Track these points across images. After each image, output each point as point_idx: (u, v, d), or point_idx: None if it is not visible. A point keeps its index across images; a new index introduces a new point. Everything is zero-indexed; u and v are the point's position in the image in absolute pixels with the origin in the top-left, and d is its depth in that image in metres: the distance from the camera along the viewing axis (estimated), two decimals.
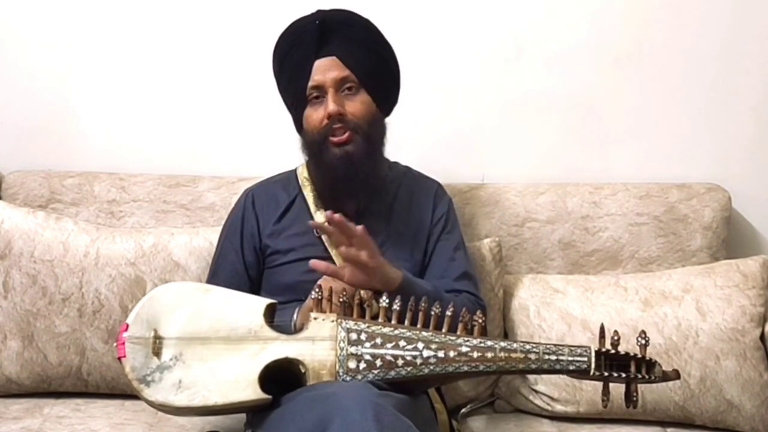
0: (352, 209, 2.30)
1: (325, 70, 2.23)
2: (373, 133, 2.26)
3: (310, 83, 2.23)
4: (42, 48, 2.76)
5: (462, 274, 2.33)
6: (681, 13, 2.75)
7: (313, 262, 2.10)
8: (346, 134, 2.22)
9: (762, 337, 2.47)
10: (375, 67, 2.28)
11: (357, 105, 2.24)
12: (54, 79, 2.77)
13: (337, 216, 2.07)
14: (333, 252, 2.26)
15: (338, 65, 2.23)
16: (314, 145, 2.26)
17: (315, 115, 2.24)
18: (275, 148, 2.72)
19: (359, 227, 2.08)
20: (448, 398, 2.35)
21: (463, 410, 2.48)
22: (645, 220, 2.67)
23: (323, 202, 2.32)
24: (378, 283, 2.10)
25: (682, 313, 2.46)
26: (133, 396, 2.38)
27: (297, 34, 2.28)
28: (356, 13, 2.30)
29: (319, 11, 2.29)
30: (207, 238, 2.52)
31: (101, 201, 2.66)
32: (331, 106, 2.21)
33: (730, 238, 2.71)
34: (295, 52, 2.27)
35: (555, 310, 2.50)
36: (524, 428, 2.44)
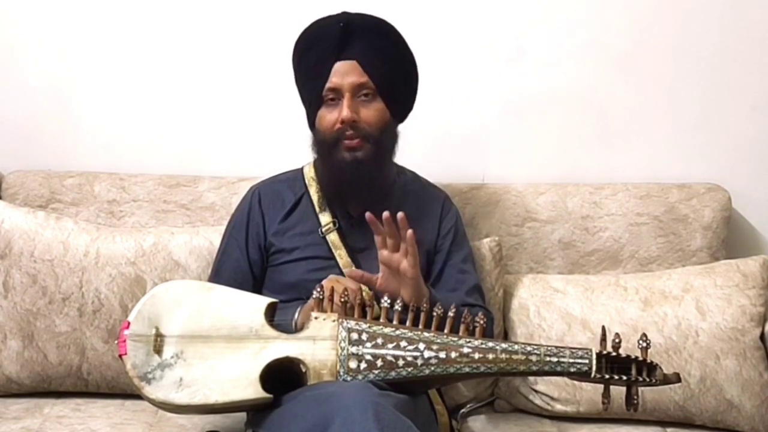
0: (357, 212, 2.30)
1: (344, 73, 2.22)
2: (384, 141, 2.26)
3: (328, 84, 2.22)
4: (42, 48, 2.76)
5: (473, 287, 2.34)
6: (681, 13, 2.75)
7: (349, 272, 2.14)
8: (357, 140, 2.22)
9: (762, 336, 2.48)
10: (394, 76, 2.27)
11: (371, 112, 2.24)
12: (54, 79, 2.76)
13: (394, 217, 2.07)
14: (337, 252, 2.27)
15: (358, 70, 2.22)
16: (325, 145, 2.25)
17: (329, 116, 2.24)
18: (276, 148, 2.73)
19: (410, 232, 2.08)
20: (448, 398, 2.36)
21: (463, 410, 2.48)
22: (645, 220, 2.67)
23: (328, 203, 2.32)
24: (407, 294, 2.10)
25: (682, 312, 2.46)
26: (133, 396, 2.39)
27: (320, 32, 2.27)
28: (382, 19, 2.29)
29: (344, 13, 2.28)
30: (207, 238, 2.52)
31: (101, 201, 2.66)
32: (345, 112, 2.20)
33: (730, 238, 2.71)
34: (315, 51, 2.25)
35: (555, 310, 2.50)
36: (524, 428, 2.44)
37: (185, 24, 2.76)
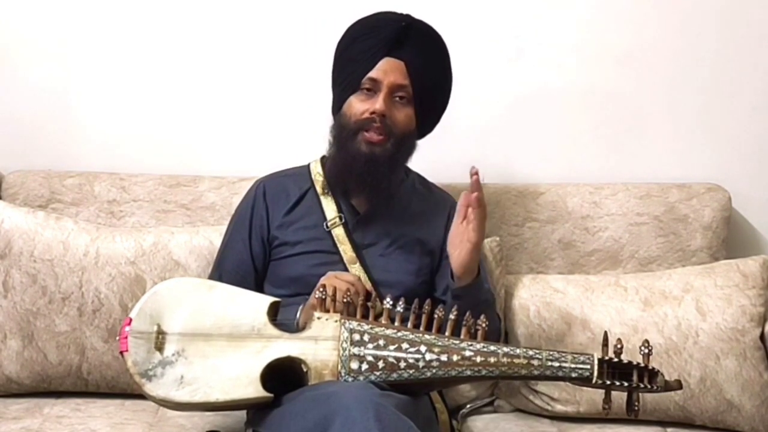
0: (364, 208, 2.32)
1: (389, 70, 2.23)
2: (403, 144, 2.28)
3: (370, 74, 2.23)
4: (42, 48, 2.75)
5: None
6: (681, 13, 2.76)
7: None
8: (381, 137, 2.23)
9: (762, 337, 2.48)
10: (433, 90, 2.31)
11: (401, 116, 2.25)
12: (54, 80, 2.76)
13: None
14: (341, 248, 2.28)
15: (402, 72, 2.24)
16: (345, 131, 2.26)
17: (359, 105, 2.25)
18: (276, 147, 2.73)
19: (474, 195, 2.16)
20: (448, 398, 2.36)
21: (463, 410, 2.48)
22: (645, 220, 2.67)
23: (333, 197, 2.32)
24: (457, 258, 2.16)
25: (682, 312, 2.46)
26: (134, 395, 2.40)
27: (380, 24, 2.29)
28: (440, 35, 2.33)
29: (408, 15, 2.31)
30: (207, 237, 2.52)
31: (101, 201, 2.66)
32: (379, 104, 2.22)
33: (730, 238, 2.72)
34: (369, 39, 2.27)
35: (555, 310, 2.50)
36: (524, 428, 2.44)
37: (185, 24, 2.75)
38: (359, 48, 2.27)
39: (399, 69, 2.24)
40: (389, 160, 2.25)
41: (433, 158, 2.63)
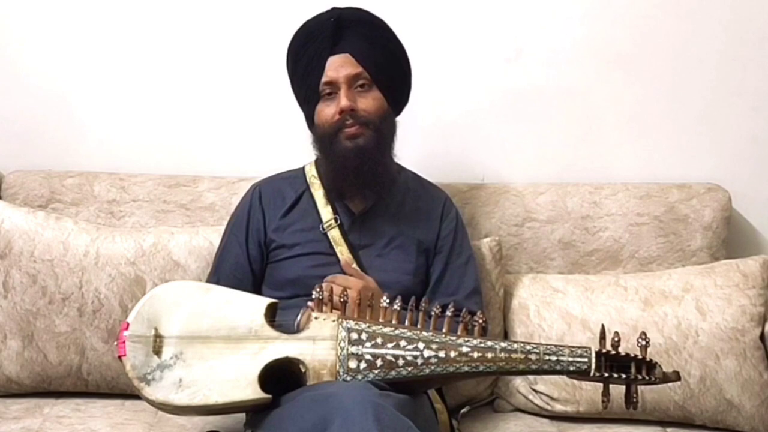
0: (360, 208, 2.33)
1: (338, 66, 2.25)
2: (383, 128, 2.29)
3: (324, 79, 2.26)
4: (42, 48, 2.76)
5: (472, 290, 2.36)
6: (681, 13, 2.75)
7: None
8: (357, 127, 2.24)
9: (762, 336, 2.48)
10: (387, 65, 2.30)
11: (369, 101, 2.27)
12: (54, 79, 2.76)
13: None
14: (338, 249, 2.29)
15: (351, 62, 2.25)
16: (325, 138, 2.28)
17: (327, 110, 2.26)
18: (275, 148, 2.73)
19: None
20: (448, 398, 2.36)
21: (463, 410, 2.48)
22: (645, 220, 2.67)
23: (331, 200, 2.33)
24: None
25: (682, 312, 2.46)
26: (133, 396, 2.39)
27: (312, 30, 2.30)
28: (370, 12, 2.32)
29: (334, 8, 2.32)
30: (207, 238, 2.52)
31: (101, 201, 2.66)
32: (343, 101, 2.23)
33: (730, 238, 2.71)
34: (309, 48, 2.29)
35: (555, 310, 2.50)
36: (524, 428, 2.44)
37: (185, 24, 2.76)
38: (303, 61, 2.29)
39: (347, 61, 2.26)
40: (377, 146, 2.26)
41: (433, 158, 2.64)
